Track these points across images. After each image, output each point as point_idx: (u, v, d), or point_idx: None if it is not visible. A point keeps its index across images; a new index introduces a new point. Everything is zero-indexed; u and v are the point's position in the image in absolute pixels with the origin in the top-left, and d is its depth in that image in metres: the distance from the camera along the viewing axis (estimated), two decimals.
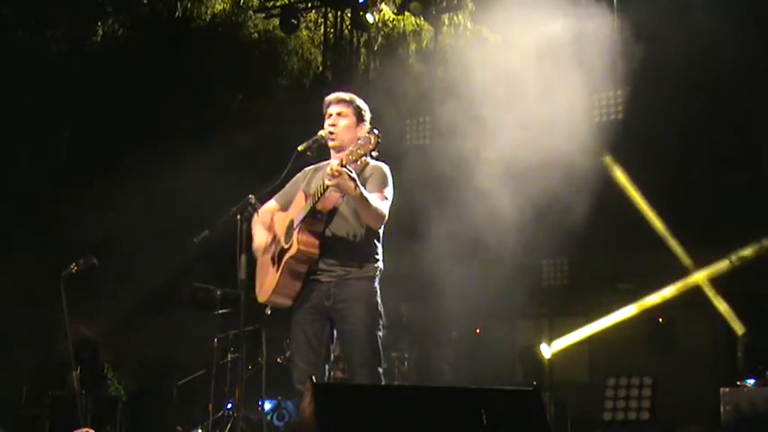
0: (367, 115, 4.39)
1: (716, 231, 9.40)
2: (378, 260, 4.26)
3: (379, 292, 4.23)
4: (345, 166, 3.81)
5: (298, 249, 4.10)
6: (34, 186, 10.06)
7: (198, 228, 4.46)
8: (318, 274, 4.20)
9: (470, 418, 3.24)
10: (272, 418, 7.22)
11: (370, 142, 3.74)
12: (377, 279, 4.24)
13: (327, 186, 3.94)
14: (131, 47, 9.84)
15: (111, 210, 9.09)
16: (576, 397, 9.20)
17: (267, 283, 4.30)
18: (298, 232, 4.12)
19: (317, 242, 4.13)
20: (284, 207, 4.43)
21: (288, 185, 4.50)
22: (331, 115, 4.33)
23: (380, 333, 4.18)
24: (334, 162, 4.04)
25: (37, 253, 9.02)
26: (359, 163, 3.87)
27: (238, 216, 4.20)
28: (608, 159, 9.67)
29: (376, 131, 3.78)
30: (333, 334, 4.25)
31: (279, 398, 7.27)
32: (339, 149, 4.27)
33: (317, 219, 4.14)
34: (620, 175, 9.83)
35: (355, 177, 3.86)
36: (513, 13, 8.41)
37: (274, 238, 4.33)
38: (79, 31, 9.71)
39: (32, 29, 9.59)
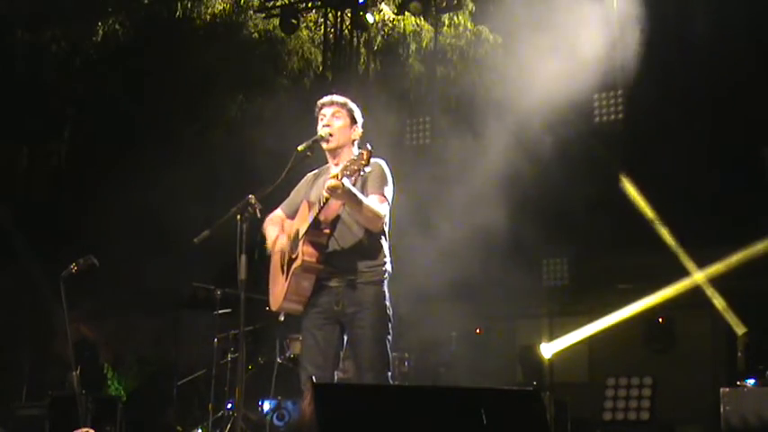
0: (359, 117, 4.42)
1: (716, 231, 9.41)
2: (385, 262, 4.28)
3: (388, 295, 4.25)
4: (342, 180, 3.89)
5: (303, 260, 4.14)
6: (34, 187, 10.06)
7: (198, 228, 4.46)
8: (328, 279, 4.23)
9: (470, 418, 3.24)
10: (272, 418, 7.22)
11: (363, 158, 3.82)
12: (385, 282, 4.26)
13: (327, 198, 4.01)
14: (131, 47, 9.84)
15: (111, 210, 9.10)
16: (576, 397, 9.20)
17: (278, 291, 4.34)
18: (302, 244, 4.16)
19: (321, 254, 4.17)
20: (289, 215, 4.48)
21: (292, 194, 4.55)
22: (325, 116, 4.36)
23: (389, 337, 4.20)
24: (333, 171, 4.14)
25: (37, 253, 9.02)
26: (354, 178, 3.94)
27: (238, 216, 4.20)
28: (608, 158, 9.67)
29: (369, 146, 3.86)
30: (343, 339, 4.27)
31: (279, 398, 7.27)
32: (335, 151, 4.34)
33: (320, 229, 4.18)
34: (620, 175, 9.83)
35: (351, 188, 3.96)
36: (513, 14, 8.42)
37: (286, 242, 4.35)
38: (79, 32, 9.70)
39: (32, 29, 9.60)
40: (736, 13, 8.47)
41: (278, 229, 4.43)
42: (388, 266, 4.29)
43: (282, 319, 4.47)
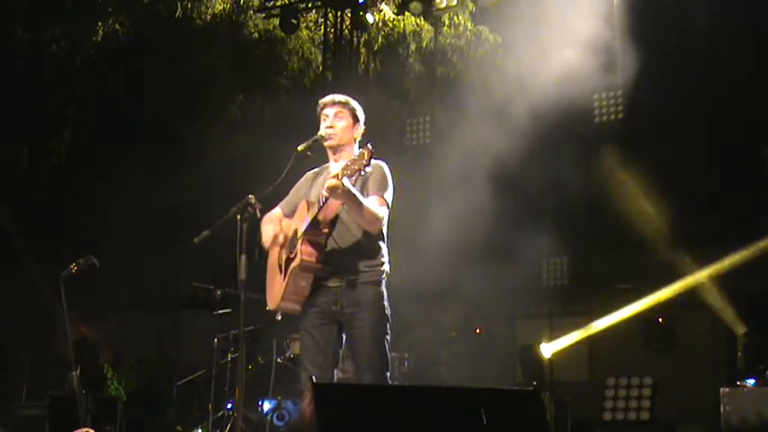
0: (361, 115, 4.42)
1: (716, 231, 9.40)
2: (384, 262, 4.28)
3: (386, 295, 4.25)
4: (342, 180, 3.88)
5: (301, 260, 4.14)
6: (34, 187, 10.06)
7: (198, 228, 4.46)
8: (326, 279, 4.23)
9: (470, 418, 3.24)
10: (272, 418, 7.21)
11: (364, 157, 3.82)
12: (384, 282, 4.26)
13: (327, 198, 4.00)
14: (131, 47, 9.83)
15: (111, 210, 9.10)
16: (576, 397, 9.20)
17: (275, 290, 4.33)
18: (301, 243, 4.16)
19: (319, 253, 4.17)
20: (288, 214, 4.47)
21: (291, 193, 4.54)
22: (327, 117, 4.35)
23: (388, 337, 4.20)
24: (333, 169, 4.16)
25: (37, 254, 9.02)
26: (354, 178, 3.93)
27: (238, 216, 4.20)
28: (608, 159, 9.66)
29: (369, 146, 3.85)
30: (341, 338, 4.27)
31: (279, 398, 7.27)
32: (337, 150, 4.34)
33: (319, 229, 4.18)
34: (620, 175, 9.82)
35: (352, 188, 3.95)
36: (512, 13, 8.42)
37: (283, 244, 4.35)
38: (79, 32, 9.70)
39: (32, 29, 9.59)
40: (736, 13, 8.48)
41: (275, 227, 4.41)
42: (387, 267, 4.29)
43: (280, 318, 4.46)
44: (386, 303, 4.24)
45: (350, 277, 4.19)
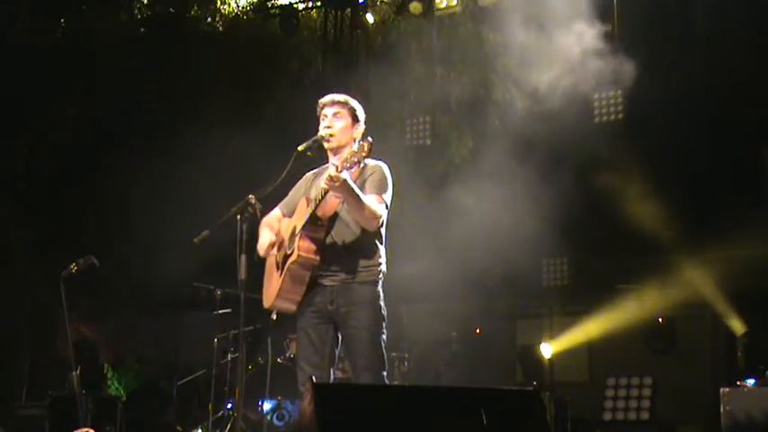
0: (361, 115, 4.40)
1: (716, 231, 9.40)
2: (380, 263, 4.27)
3: (382, 295, 4.25)
4: (342, 173, 3.87)
5: (298, 256, 4.13)
6: (34, 187, 10.06)
7: (198, 227, 4.46)
8: (322, 278, 4.22)
9: (470, 418, 3.24)
10: (272, 418, 7.22)
11: (364, 150, 3.80)
12: (380, 282, 4.25)
13: (326, 191, 3.98)
14: (132, 46, 9.84)
15: (111, 210, 9.10)
16: (576, 397, 9.21)
17: (271, 288, 4.32)
18: (299, 239, 4.15)
19: (317, 249, 4.15)
20: (288, 215, 4.46)
21: (291, 193, 4.53)
22: (326, 117, 4.34)
23: (384, 336, 4.19)
24: (332, 165, 4.11)
25: (37, 253, 9.02)
26: (354, 170, 3.91)
27: (238, 216, 4.20)
28: (608, 159, 9.67)
29: (370, 139, 3.84)
30: (337, 338, 4.27)
31: (279, 398, 7.28)
32: (336, 150, 4.32)
33: (317, 225, 4.17)
34: (620, 175, 9.82)
35: (350, 182, 3.93)
36: (513, 14, 8.43)
37: (281, 243, 4.34)
38: (81, 31, 9.71)
39: (32, 29, 9.60)
40: (736, 13, 8.48)
41: (273, 234, 4.39)
42: (383, 267, 4.28)
43: (275, 317, 4.46)
44: (382, 303, 4.22)
45: (347, 276, 4.18)
